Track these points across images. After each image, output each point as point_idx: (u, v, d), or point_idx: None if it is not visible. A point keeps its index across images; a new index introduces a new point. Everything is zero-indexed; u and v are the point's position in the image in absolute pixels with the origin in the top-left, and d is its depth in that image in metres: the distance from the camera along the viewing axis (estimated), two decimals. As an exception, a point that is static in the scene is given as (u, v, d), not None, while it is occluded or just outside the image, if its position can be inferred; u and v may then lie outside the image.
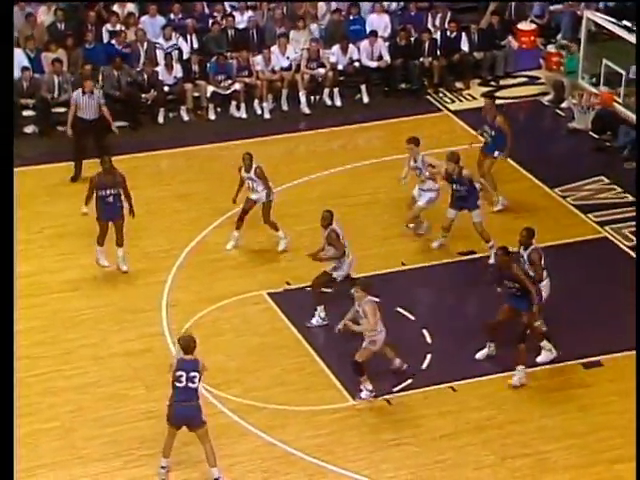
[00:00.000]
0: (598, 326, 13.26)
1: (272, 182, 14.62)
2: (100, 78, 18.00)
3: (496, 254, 12.94)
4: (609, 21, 18.49)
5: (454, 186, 14.33)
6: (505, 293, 12.46)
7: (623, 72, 18.04)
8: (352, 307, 11.99)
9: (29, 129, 18.01)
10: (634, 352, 12.83)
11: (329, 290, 13.35)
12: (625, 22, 18.26)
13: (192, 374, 10.63)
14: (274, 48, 18.92)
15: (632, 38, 17.88)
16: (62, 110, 17.70)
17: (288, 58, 18.88)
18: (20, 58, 18.13)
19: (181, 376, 10.63)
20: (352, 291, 11.95)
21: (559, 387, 12.43)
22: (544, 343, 12.66)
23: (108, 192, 13.89)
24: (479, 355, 12.70)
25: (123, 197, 14.01)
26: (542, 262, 12.64)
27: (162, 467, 10.99)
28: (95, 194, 13.96)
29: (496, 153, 15.72)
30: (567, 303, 13.44)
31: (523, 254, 12.69)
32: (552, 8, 21.04)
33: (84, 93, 16.27)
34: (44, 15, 19.07)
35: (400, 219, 15.32)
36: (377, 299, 13.26)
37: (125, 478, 11.10)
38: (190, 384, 10.64)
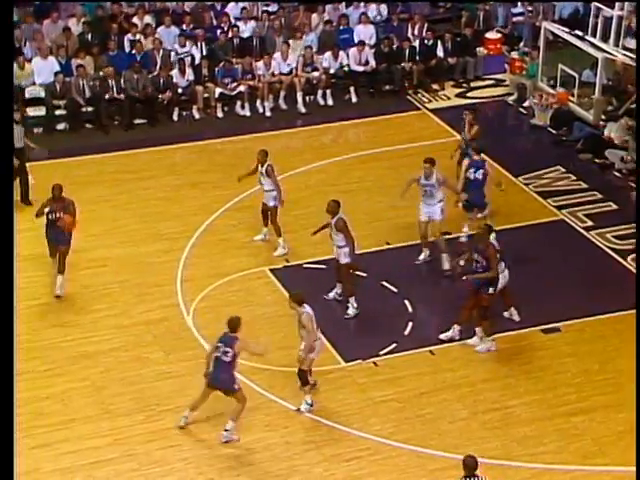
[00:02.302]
0: (556, 297, 13.13)
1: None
2: (122, 81, 17.82)
3: (479, 227, 12.47)
4: (564, 31, 18.40)
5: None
6: (468, 270, 12.04)
7: (576, 75, 17.95)
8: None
9: (61, 126, 17.81)
10: (587, 319, 12.77)
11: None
12: (577, 31, 18.14)
13: (226, 349, 10.43)
14: (277, 55, 18.71)
15: (583, 45, 17.78)
16: (91, 109, 17.62)
17: (289, 65, 18.66)
18: (53, 65, 17.96)
19: (219, 347, 10.50)
20: (289, 305, 11.15)
21: (522, 350, 12.32)
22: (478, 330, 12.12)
23: (57, 215, 12.85)
24: (443, 336, 12.20)
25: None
26: (497, 256, 11.97)
27: (184, 416, 10.83)
28: (46, 216, 12.89)
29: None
30: (529, 277, 13.34)
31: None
32: (514, 19, 20.93)
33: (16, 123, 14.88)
34: (74, 26, 18.88)
35: (384, 204, 15.17)
36: (365, 274, 13.21)
37: (146, 431, 10.98)
38: (223, 357, 10.45)
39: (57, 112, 17.78)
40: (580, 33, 18.03)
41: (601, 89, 17.62)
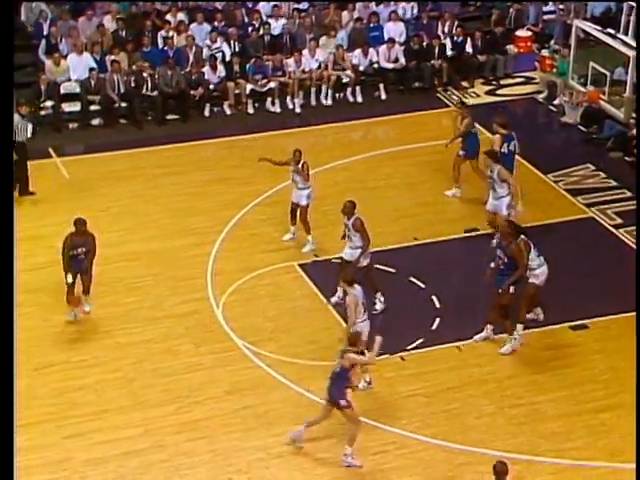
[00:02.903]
0: (584, 294, 13.07)
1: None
2: (156, 76, 17.93)
3: (502, 224, 12.37)
4: (595, 29, 18.21)
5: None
6: (493, 269, 11.94)
7: (608, 73, 17.76)
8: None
9: (95, 121, 17.95)
10: (616, 316, 12.69)
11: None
12: (609, 30, 17.97)
13: (339, 362, 10.28)
14: (305, 51, 18.74)
15: (615, 44, 17.60)
16: (124, 105, 17.75)
17: (317, 60, 18.67)
18: (88, 61, 18.10)
19: (337, 361, 10.34)
20: (340, 285, 11.19)
21: (549, 347, 12.27)
22: (518, 328, 11.99)
23: (79, 250, 12.35)
24: (477, 337, 12.11)
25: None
26: (533, 251, 11.88)
27: (298, 433, 10.54)
28: (67, 254, 12.32)
29: (461, 152, 15.11)
30: (558, 274, 13.25)
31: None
32: (545, 17, 20.79)
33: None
34: (108, 23, 19.02)
35: (411, 201, 15.17)
36: (393, 270, 13.21)
37: (177, 422, 11.08)
38: (336, 368, 10.29)
39: (92, 107, 17.92)
40: (612, 31, 17.87)
41: (632, 88, 17.44)
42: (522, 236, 11.98)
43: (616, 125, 17.28)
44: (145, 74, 17.96)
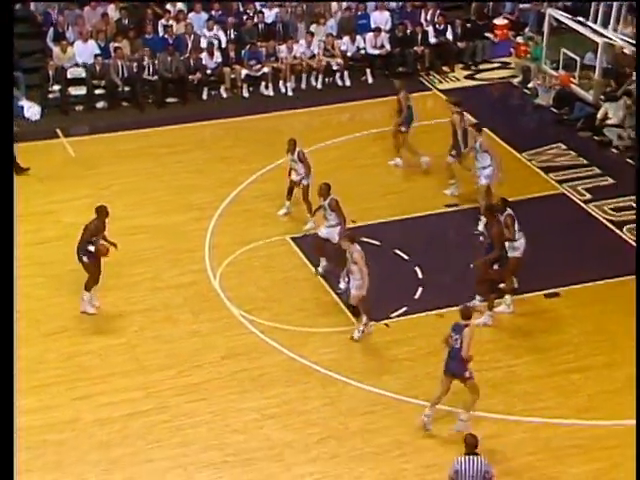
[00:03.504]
0: (557, 265, 12.91)
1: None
2: (157, 62, 17.61)
3: (484, 209, 12.16)
4: (567, 17, 17.98)
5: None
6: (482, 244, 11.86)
7: (578, 58, 17.55)
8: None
9: (100, 104, 17.65)
10: (586, 284, 12.55)
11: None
12: (580, 18, 17.72)
13: (456, 337, 9.90)
14: (302, 41, 18.40)
15: (585, 31, 17.37)
16: (127, 88, 17.44)
17: (311, 50, 18.36)
18: (93, 48, 17.80)
19: (451, 337, 9.90)
20: (342, 243, 11.15)
21: (525, 313, 12.12)
22: (506, 297, 11.99)
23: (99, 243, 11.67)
24: (479, 321, 11.59)
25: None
26: (515, 225, 11.83)
27: (426, 415, 10.09)
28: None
29: (403, 128, 15.08)
30: (533, 246, 13.10)
31: (500, 218, 12.07)
32: (521, 6, 20.51)
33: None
34: (112, 12, 18.68)
35: (396, 179, 14.97)
36: (379, 243, 13.02)
37: (177, 385, 10.92)
38: (455, 344, 9.91)
39: (97, 91, 17.62)
40: (582, 19, 17.66)
41: (601, 72, 17.26)
42: (508, 210, 11.79)
43: (585, 107, 17.12)
44: (146, 60, 17.65)
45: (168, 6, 19.04)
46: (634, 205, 14.34)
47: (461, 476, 8.56)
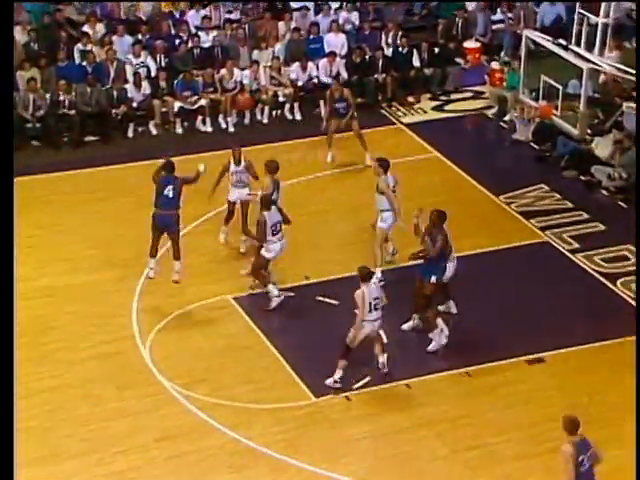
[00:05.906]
0: (541, 325, 13.22)
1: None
2: (74, 95, 17.80)
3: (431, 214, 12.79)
4: (546, 39, 18.47)
5: None
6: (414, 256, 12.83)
7: (560, 87, 18.03)
8: None
9: (5, 143, 17.68)
10: (573, 348, 12.85)
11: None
12: (560, 40, 18.26)
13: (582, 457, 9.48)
14: (246, 72, 18.76)
15: (567, 55, 17.90)
16: (38, 126, 17.54)
17: (258, 83, 18.81)
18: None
19: (583, 460, 9.47)
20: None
21: (504, 382, 12.37)
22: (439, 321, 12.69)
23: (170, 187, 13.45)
24: (405, 326, 12.95)
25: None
26: (448, 241, 12.59)
27: None
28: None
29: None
30: (511, 303, 13.45)
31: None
32: (495, 27, 21.11)
33: None
34: (19, 35, 18.78)
35: (355, 227, 15.25)
36: (336, 302, 13.22)
37: (98, 474, 10.90)
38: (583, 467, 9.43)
39: None
40: (563, 42, 18.16)
41: (587, 102, 17.77)
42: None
43: (569, 142, 17.54)
44: (62, 96, 17.75)
45: (86, 28, 19.24)
46: (628, 255, 14.77)
47: None
